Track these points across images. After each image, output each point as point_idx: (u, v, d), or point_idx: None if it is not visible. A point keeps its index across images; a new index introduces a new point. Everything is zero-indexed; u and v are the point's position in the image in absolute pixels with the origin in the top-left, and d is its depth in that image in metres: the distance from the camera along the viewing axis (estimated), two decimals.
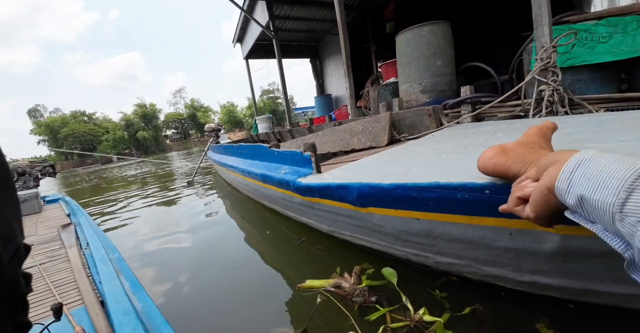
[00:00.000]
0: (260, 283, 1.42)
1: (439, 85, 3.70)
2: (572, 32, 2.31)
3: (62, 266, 1.38)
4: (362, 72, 7.74)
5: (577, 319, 0.85)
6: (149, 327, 0.84)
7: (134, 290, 1.06)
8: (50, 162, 3.62)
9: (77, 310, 0.98)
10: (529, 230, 0.64)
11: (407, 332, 0.91)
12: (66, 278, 1.24)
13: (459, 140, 1.27)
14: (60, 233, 1.86)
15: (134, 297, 1.01)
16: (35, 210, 2.77)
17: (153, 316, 0.91)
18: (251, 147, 2.21)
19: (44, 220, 2.41)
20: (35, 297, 1.12)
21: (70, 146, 37.82)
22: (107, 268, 1.21)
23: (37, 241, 1.82)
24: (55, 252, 1.59)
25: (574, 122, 1.14)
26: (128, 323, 0.83)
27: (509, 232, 0.67)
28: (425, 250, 0.94)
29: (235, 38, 9.89)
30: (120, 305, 0.93)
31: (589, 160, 0.32)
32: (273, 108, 40.90)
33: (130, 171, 11.29)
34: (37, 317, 0.98)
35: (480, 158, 0.62)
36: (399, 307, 1.01)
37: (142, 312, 0.93)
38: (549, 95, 2.35)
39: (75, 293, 1.11)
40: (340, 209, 1.11)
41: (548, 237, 0.63)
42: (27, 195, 2.77)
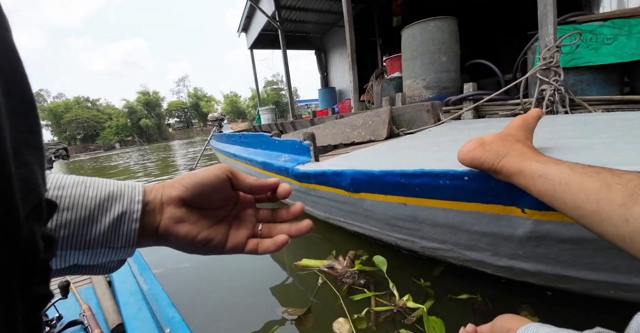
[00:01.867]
0: (258, 265, 1.49)
1: (442, 81, 3.72)
2: (577, 32, 2.32)
3: None
4: (367, 66, 7.73)
5: (555, 307, 0.91)
6: (154, 308, 0.85)
7: (141, 272, 1.08)
8: (64, 144, 3.70)
9: (84, 289, 1.01)
10: (503, 215, 0.70)
11: (390, 316, 0.97)
12: None
13: (453, 135, 1.32)
14: None
15: (140, 278, 1.03)
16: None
17: (159, 298, 0.92)
18: (253, 135, 2.27)
19: None
20: None
21: (74, 132, 37.98)
22: None
23: None
24: None
25: (564, 120, 1.19)
26: (134, 303, 0.85)
27: (486, 216, 0.72)
28: (412, 235, 1.00)
29: (240, 27, 9.84)
30: (127, 286, 0.95)
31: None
32: (276, 99, 40.79)
33: (132, 160, 11.36)
34: None
35: (460, 151, 0.66)
36: (385, 293, 1.07)
37: (148, 293, 0.94)
38: (550, 94, 2.38)
39: None
40: (335, 195, 1.17)
41: (520, 222, 0.68)
42: None
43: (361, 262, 1.27)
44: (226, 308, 1.17)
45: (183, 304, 1.17)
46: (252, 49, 10.12)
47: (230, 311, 1.15)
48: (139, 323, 0.77)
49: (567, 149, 0.74)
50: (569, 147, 0.76)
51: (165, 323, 0.80)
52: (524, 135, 0.66)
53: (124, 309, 0.84)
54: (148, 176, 5.32)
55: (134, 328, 0.76)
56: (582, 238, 0.65)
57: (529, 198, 0.64)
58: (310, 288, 1.19)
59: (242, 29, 9.87)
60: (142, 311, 0.82)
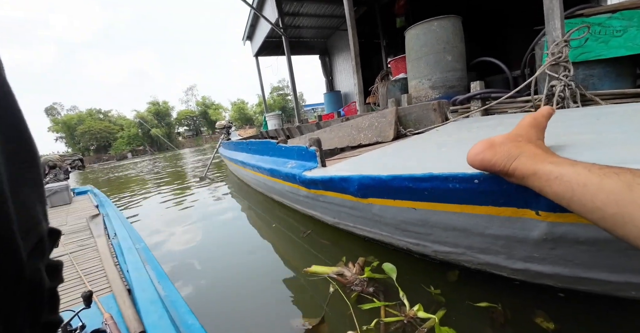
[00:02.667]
0: (269, 272, 1.49)
1: (449, 80, 3.68)
2: (585, 25, 2.27)
3: (91, 255, 1.44)
4: (372, 68, 7.72)
5: (568, 308, 0.88)
6: (173, 316, 0.86)
7: (159, 279, 1.09)
8: (80, 155, 3.81)
9: (105, 297, 1.02)
10: (517, 217, 0.68)
11: (400, 326, 0.92)
12: (95, 267, 1.29)
13: (461, 133, 1.30)
14: (89, 223, 1.95)
15: (159, 286, 1.03)
16: (65, 201, 2.93)
17: (178, 305, 0.93)
18: (260, 142, 2.28)
19: (74, 211, 2.55)
20: (67, 284, 1.17)
21: (87, 143, 38.95)
22: (134, 258, 1.24)
23: (67, 231, 1.91)
24: (84, 241, 1.67)
25: (576, 114, 1.16)
26: (154, 311, 0.86)
27: (498, 219, 0.70)
28: (423, 239, 0.98)
29: (245, 36, 9.98)
30: (146, 294, 0.95)
31: None
32: (283, 105, 41.06)
33: (146, 168, 11.57)
34: (68, 304, 1.03)
35: (469, 153, 0.64)
36: (395, 303, 1.03)
37: (167, 300, 0.94)
38: (560, 90, 2.32)
39: (103, 281, 1.15)
40: (343, 201, 1.16)
41: (535, 224, 0.66)
42: (58, 187, 2.93)
43: (371, 269, 1.24)
44: (240, 316, 1.17)
45: (199, 312, 1.18)
46: (257, 56, 10.24)
47: (245, 319, 1.14)
48: (161, 331, 0.78)
49: (581, 146, 0.72)
50: (582, 143, 0.73)
51: (185, 330, 0.80)
52: (535, 134, 0.64)
53: (145, 317, 0.84)
54: (159, 187, 5.40)
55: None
56: (600, 240, 0.63)
57: (542, 200, 0.62)
58: (320, 295, 1.18)
59: (247, 37, 10.02)
60: (163, 319, 0.82)
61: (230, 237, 2.09)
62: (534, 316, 0.88)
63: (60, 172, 3.32)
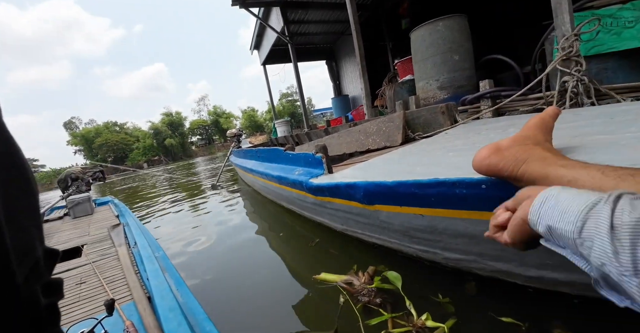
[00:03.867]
0: (278, 281, 1.49)
1: (457, 80, 3.63)
2: (595, 18, 2.20)
3: (112, 264, 1.48)
4: (379, 70, 7.70)
5: (582, 314, 0.83)
6: (192, 323, 0.86)
7: (177, 287, 1.10)
8: (101, 167, 3.94)
9: (126, 305, 1.03)
10: None
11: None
12: (117, 275, 1.32)
13: (470, 137, 1.27)
14: (110, 233, 2.01)
15: (177, 293, 1.05)
16: (87, 212, 3.02)
17: (196, 312, 0.93)
18: (268, 150, 2.29)
19: (95, 221, 2.61)
20: (90, 293, 1.21)
21: (104, 155, 40.21)
22: (154, 266, 1.26)
23: (89, 241, 1.97)
24: (106, 250, 1.71)
25: (588, 114, 1.11)
26: (174, 318, 0.86)
27: None
28: (432, 246, 0.96)
29: (252, 45, 10.16)
30: (166, 301, 0.96)
31: (554, 196, 0.38)
32: (292, 111, 41.40)
33: (160, 178, 11.82)
34: (91, 312, 1.05)
35: (475, 158, 0.62)
36: (403, 314, 1.00)
37: (185, 307, 0.95)
38: (572, 86, 2.25)
39: (125, 290, 1.17)
40: (350, 207, 1.15)
41: None
42: (80, 198, 3.03)
43: (381, 279, 1.21)
44: (250, 323, 1.17)
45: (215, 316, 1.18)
46: (264, 65, 10.38)
47: (259, 329, 1.14)
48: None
49: (594, 147, 0.69)
50: (595, 144, 0.70)
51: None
52: (543, 136, 0.61)
53: (165, 324, 0.85)
54: (174, 196, 5.50)
55: None
56: None
57: None
58: (328, 305, 1.16)
59: (254, 46, 10.19)
60: (182, 326, 0.83)
61: (239, 246, 2.09)
62: (551, 328, 0.83)
63: (82, 184, 3.44)
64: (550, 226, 0.36)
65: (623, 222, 0.29)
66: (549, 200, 0.37)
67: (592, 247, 0.30)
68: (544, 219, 0.37)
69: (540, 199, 0.39)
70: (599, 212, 0.31)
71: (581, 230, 0.32)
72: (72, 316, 1.06)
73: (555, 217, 0.35)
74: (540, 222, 0.37)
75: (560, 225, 0.34)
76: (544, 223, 0.37)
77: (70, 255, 1.77)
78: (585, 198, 0.33)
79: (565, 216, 0.34)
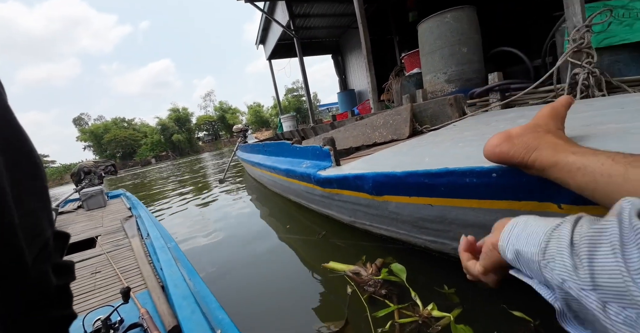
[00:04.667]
0: (286, 270, 1.52)
1: (465, 73, 3.58)
2: (607, 9, 2.15)
3: (126, 254, 1.52)
4: (386, 64, 7.63)
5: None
6: (205, 311, 0.88)
7: (190, 276, 1.13)
8: (112, 161, 4.02)
9: (141, 293, 1.06)
10: (539, 212, 0.65)
11: (416, 327, 0.91)
12: (131, 265, 1.36)
13: (479, 128, 1.26)
14: (123, 224, 2.06)
15: (190, 282, 1.07)
16: (100, 204, 3.11)
17: (208, 301, 0.95)
18: (275, 144, 2.31)
19: (108, 213, 2.68)
20: (105, 282, 1.25)
21: (113, 150, 40.75)
22: (167, 256, 1.29)
23: (103, 232, 2.03)
24: (120, 241, 1.76)
25: (600, 104, 1.10)
26: (187, 306, 0.89)
27: (520, 214, 0.68)
28: (441, 236, 0.96)
29: (257, 40, 10.13)
30: (179, 290, 0.99)
31: (524, 221, 0.39)
32: (297, 106, 41.32)
33: (167, 172, 11.93)
34: (106, 300, 1.09)
35: (486, 146, 0.62)
36: (408, 304, 1.02)
37: (198, 296, 0.97)
38: (583, 78, 2.21)
39: (138, 279, 1.20)
40: (359, 199, 1.16)
41: None
42: (93, 191, 3.12)
43: (387, 271, 1.22)
44: (260, 315, 1.19)
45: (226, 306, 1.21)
46: (270, 59, 10.36)
47: (265, 317, 1.16)
48: (194, 325, 0.80)
49: (606, 136, 0.68)
50: (607, 133, 0.70)
51: (217, 324, 0.83)
52: (555, 125, 0.61)
53: (179, 312, 0.87)
54: (183, 190, 5.56)
55: (190, 329, 0.79)
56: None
57: (565, 192, 0.59)
58: (336, 292, 1.18)
59: (260, 41, 10.16)
60: (196, 313, 0.85)
61: (247, 238, 2.12)
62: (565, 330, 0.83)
63: (95, 177, 3.52)
64: (518, 250, 0.36)
65: (581, 236, 0.29)
66: (518, 225, 0.38)
67: (554, 266, 0.30)
68: (512, 244, 0.37)
69: (510, 225, 0.40)
70: (561, 230, 0.32)
71: (545, 251, 0.32)
72: (89, 304, 1.09)
73: (522, 240, 0.36)
74: (508, 248, 0.38)
75: (526, 248, 0.35)
76: (512, 249, 0.37)
77: (85, 245, 1.82)
78: (551, 221, 0.35)
79: (530, 239, 0.35)
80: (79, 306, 1.08)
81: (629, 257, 0.25)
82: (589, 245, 0.28)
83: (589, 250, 0.28)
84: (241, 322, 0.95)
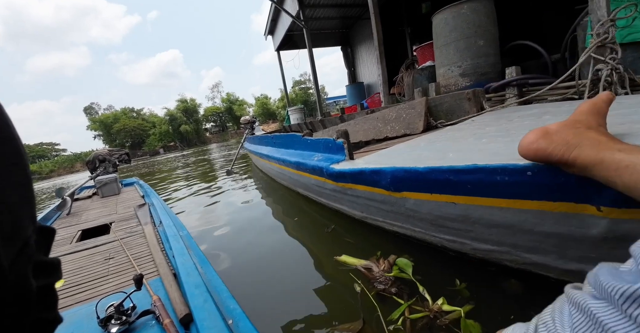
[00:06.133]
0: (295, 262, 1.51)
1: (480, 67, 3.47)
2: (632, 3, 2.05)
3: (139, 241, 1.53)
4: (396, 57, 7.48)
5: None
6: (216, 300, 0.88)
7: (201, 265, 1.12)
8: (126, 150, 4.07)
9: (153, 280, 1.06)
10: (575, 213, 0.61)
11: (427, 322, 0.90)
12: (143, 252, 1.37)
13: (502, 124, 1.21)
14: (136, 212, 2.08)
15: (202, 270, 1.06)
16: (114, 192, 3.16)
17: (220, 290, 0.94)
18: (285, 136, 2.27)
19: (122, 201, 2.72)
20: (118, 268, 1.26)
21: (122, 140, 41.19)
22: (179, 244, 1.29)
23: (117, 219, 2.05)
24: (133, 228, 1.77)
25: (630, 101, 1.04)
26: (200, 295, 0.88)
27: (552, 215, 0.64)
28: (461, 236, 0.93)
29: (266, 30, 10.01)
30: (191, 278, 0.98)
31: None
32: (305, 99, 41.09)
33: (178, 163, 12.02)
34: (119, 286, 1.09)
35: (521, 143, 0.59)
36: (416, 299, 1.01)
37: (209, 285, 0.96)
38: (607, 75, 2.12)
39: (151, 266, 1.20)
40: (374, 194, 1.12)
41: (595, 221, 0.59)
42: (107, 179, 3.17)
43: (399, 268, 1.20)
44: (272, 304, 1.18)
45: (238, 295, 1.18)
46: (279, 50, 10.25)
47: (278, 308, 1.15)
48: (205, 314, 0.80)
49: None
50: None
51: (228, 314, 0.82)
52: (596, 121, 0.57)
53: (191, 300, 0.86)
54: (192, 180, 5.59)
55: (202, 318, 0.79)
56: None
57: (607, 193, 0.55)
58: (347, 287, 1.16)
59: (269, 31, 10.04)
60: (208, 302, 0.84)
61: (255, 230, 2.11)
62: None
63: (109, 165, 3.57)
64: None
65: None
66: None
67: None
68: None
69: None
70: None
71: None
72: (102, 289, 1.10)
73: None
74: None
75: None
76: None
77: (99, 231, 1.85)
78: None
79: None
80: (93, 291, 1.09)
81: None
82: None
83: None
84: (252, 314, 0.94)
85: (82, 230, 1.93)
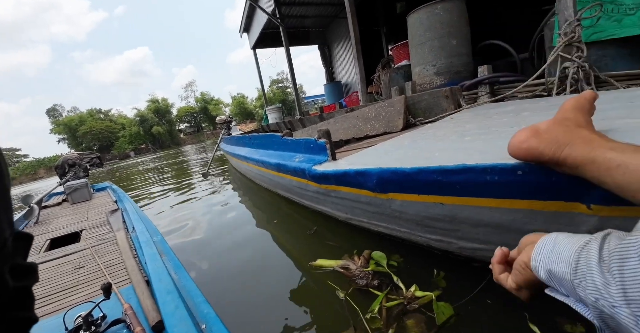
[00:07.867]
0: (276, 266, 1.47)
1: (454, 66, 3.56)
2: (597, 3, 2.16)
3: (111, 248, 1.46)
4: (373, 56, 7.55)
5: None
6: (190, 305, 0.88)
7: (176, 270, 1.11)
8: (97, 153, 3.84)
9: (125, 288, 1.03)
10: (564, 212, 0.60)
11: (402, 309, 0.95)
12: (115, 260, 1.32)
13: (481, 121, 1.22)
14: (108, 218, 1.97)
15: (176, 276, 1.06)
16: (86, 197, 2.96)
17: (194, 295, 0.95)
18: (264, 136, 2.20)
19: (94, 207, 2.56)
20: (89, 277, 1.20)
21: (89, 143, 38.98)
22: (152, 250, 1.27)
23: (88, 226, 1.93)
24: (105, 235, 1.68)
25: (605, 98, 1.07)
26: (171, 301, 0.88)
27: (542, 214, 0.63)
28: (448, 235, 0.91)
29: (241, 28, 9.79)
30: (163, 284, 0.97)
31: (552, 239, 0.37)
32: (283, 98, 40.73)
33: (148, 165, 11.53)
34: (89, 296, 1.05)
35: (511, 142, 0.58)
36: (391, 288, 1.06)
37: (183, 290, 0.96)
38: (573, 72, 2.22)
39: (123, 273, 1.17)
40: (359, 196, 1.09)
41: (585, 219, 0.59)
42: (78, 184, 2.97)
43: (375, 262, 1.22)
44: (249, 309, 1.14)
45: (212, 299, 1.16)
46: (254, 48, 10.06)
47: (257, 315, 1.12)
48: (177, 321, 0.79)
49: (628, 130, 0.64)
50: (628, 128, 0.65)
51: (201, 319, 0.83)
52: (584, 118, 0.56)
53: (163, 307, 0.86)
54: (165, 184, 5.36)
55: (173, 325, 0.78)
56: None
57: (596, 192, 0.55)
58: (327, 291, 1.14)
59: (244, 29, 9.82)
60: (179, 308, 0.84)
61: (234, 234, 2.03)
62: (562, 324, 0.81)
63: (80, 170, 3.37)
64: (550, 270, 0.35)
65: (610, 252, 0.29)
66: (547, 244, 0.37)
67: (586, 285, 0.30)
68: (544, 263, 0.37)
69: (540, 244, 0.39)
70: (589, 248, 0.31)
71: (576, 270, 0.32)
72: (71, 300, 1.05)
73: (553, 259, 0.35)
74: (541, 267, 0.37)
75: (558, 268, 0.34)
76: (545, 268, 0.36)
77: (69, 240, 1.74)
78: (579, 239, 0.34)
79: (561, 257, 0.34)
80: (61, 302, 1.04)
81: None
82: (619, 260, 0.27)
83: (618, 265, 0.27)
84: (228, 320, 0.91)
85: (51, 239, 1.80)
